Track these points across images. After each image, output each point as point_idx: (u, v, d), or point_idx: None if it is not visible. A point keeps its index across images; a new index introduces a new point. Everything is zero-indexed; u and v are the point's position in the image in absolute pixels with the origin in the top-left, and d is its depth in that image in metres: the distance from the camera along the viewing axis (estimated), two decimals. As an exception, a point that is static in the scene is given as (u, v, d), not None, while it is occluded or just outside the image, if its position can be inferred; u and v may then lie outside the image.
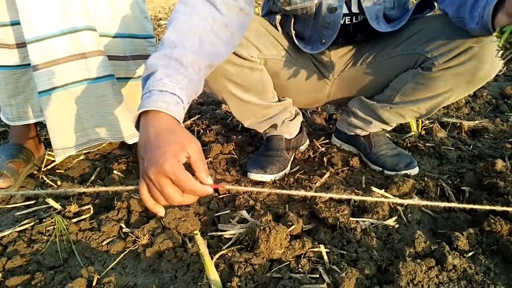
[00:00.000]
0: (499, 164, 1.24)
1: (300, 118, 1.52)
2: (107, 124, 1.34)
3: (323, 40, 1.20)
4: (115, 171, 1.42)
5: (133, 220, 1.14)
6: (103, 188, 0.77)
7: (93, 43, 1.24)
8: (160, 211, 0.76)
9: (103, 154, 1.62)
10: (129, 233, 1.09)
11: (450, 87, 1.13)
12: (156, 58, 0.83)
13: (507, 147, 1.47)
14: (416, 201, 0.85)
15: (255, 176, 1.34)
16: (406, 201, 0.83)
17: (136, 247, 1.05)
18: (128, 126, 1.35)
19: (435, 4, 1.19)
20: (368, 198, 0.98)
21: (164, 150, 0.69)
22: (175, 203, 0.73)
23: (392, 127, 1.45)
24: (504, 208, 0.79)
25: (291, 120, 1.46)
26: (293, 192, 0.84)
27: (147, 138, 0.72)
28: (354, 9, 1.17)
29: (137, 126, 0.79)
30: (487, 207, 0.81)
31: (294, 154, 1.51)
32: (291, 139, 1.48)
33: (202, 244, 0.85)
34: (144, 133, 0.74)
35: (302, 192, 0.90)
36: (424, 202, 0.77)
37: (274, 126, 1.42)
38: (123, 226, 1.13)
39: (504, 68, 2.58)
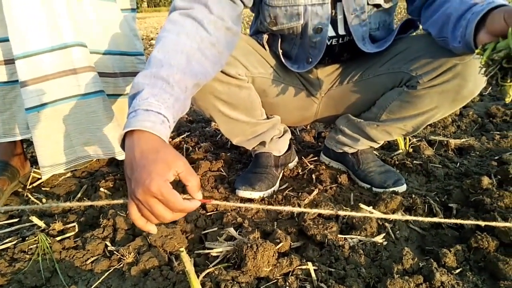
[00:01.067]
0: (485, 181, 1.25)
1: (288, 135, 1.52)
2: (97, 141, 1.33)
3: (310, 59, 1.22)
4: (102, 189, 1.40)
5: (119, 238, 1.12)
6: (88, 203, 0.76)
7: (84, 59, 1.24)
8: (152, 229, 0.76)
9: (90, 171, 1.60)
10: (114, 251, 1.07)
11: (435, 104, 1.15)
12: (143, 77, 0.83)
13: (493, 165, 1.48)
14: (400, 216, 0.85)
15: (243, 193, 1.33)
16: (391, 216, 0.83)
17: (121, 265, 1.03)
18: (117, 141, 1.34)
19: (419, 24, 1.22)
20: (358, 214, 0.97)
21: (150, 170, 0.69)
22: (166, 221, 0.73)
23: (380, 145, 1.46)
24: (488, 223, 0.79)
25: (279, 138, 1.47)
26: (285, 208, 0.84)
27: (132, 158, 0.72)
28: (341, 31, 1.19)
29: (123, 146, 0.78)
30: (473, 222, 0.81)
31: (282, 171, 1.51)
32: (279, 156, 1.49)
33: (187, 262, 0.83)
34: (129, 153, 0.74)
35: (295, 208, 0.89)
36: (409, 217, 0.77)
37: (263, 143, 1.42)
38: (108, 244, 1.10)
39: (489, 88, 2.64)
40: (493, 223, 0.80)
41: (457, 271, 0.95)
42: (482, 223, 0.80)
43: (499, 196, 1.16)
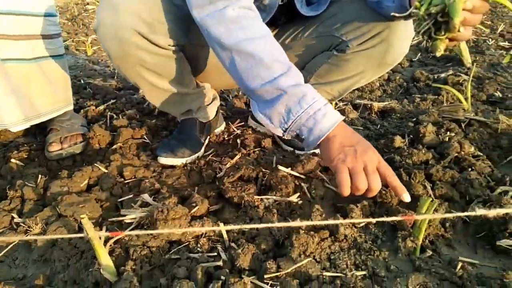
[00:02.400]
0: (398, 140, 1.31)
1: (217, 103, 1.50)
2: None
3: None
4: (13, 160, 1.32)
5: (27, 209, 1.07)
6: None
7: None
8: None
9: (3, 142, 1.50)
10: (21, 223, 1.02)
11: (362, 69, 1.18)
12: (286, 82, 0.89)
13: (410, 126, 1.56)
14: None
15: (165, 160, 1.30)
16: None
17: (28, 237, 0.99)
18: (12, 112, 1.23)
19: None
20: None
21: (369, 145, 0.91)
22: (375, 189, 0.86)
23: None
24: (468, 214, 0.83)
25: (208, 105, 1.45)
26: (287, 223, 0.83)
27: (349, 133, 0.90)
28: None
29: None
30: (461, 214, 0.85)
31: (209, 137, 1.49)
32: (205, 122, 1.47)
33: (90, 229, 0.81)
34: (343, 130, 0.90)
35: (306, 222, 0.89)
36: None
37: (190, 110, 1.39)
38: (15, 216, 1.05)
39: (419, 55, 2.75)
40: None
41: (362, 224, 0.99)
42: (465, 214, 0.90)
43: (408, 154, 1.22)
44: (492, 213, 0.83)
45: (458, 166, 1.21)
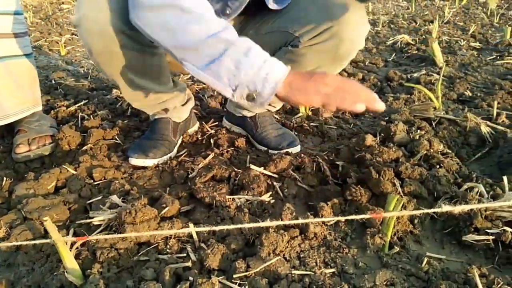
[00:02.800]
0: (369, 139, 1.33)
1: (192, 103, 1.49)
2: None
3: (228, 11, 1.15)
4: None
5: (-10, 213, 1.04)
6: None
7: None
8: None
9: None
10: (-16, 227, 0.99)
11: (317, 64, 1.18)
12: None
13: (382, 125, 1.58)
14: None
15: (136, 161, 1.28)
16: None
17: (-9, 241, 0.96)
18: None
19: None
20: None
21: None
22: (362, 98, 0.82)
23: (276, 108, 1.48)
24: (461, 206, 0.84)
25: (182, 105, 1.43)
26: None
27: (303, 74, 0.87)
28: None
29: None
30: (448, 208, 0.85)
31: (182, 137, 1.48)
32: (179, 122, 1.45)
33: (53, 231, 0.79)
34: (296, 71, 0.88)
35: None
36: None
37: (165, 110, 1.38)
38: (-22, 220, 1.02)
39: (393, 55, 2.79)
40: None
41: (332, 222, 1.00)
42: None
43: (379, 152, 1.24)
44: (458, 209, 0.85)
45: (427, 164, 1.23)
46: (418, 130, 1.45)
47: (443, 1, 5.52)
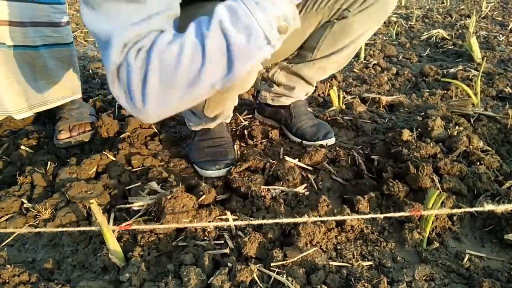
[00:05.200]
0: (406, 134, 1.31)
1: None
2: None
3: None
4: (22, 147, 1.33)
5: (36, 195, 1.08)
6: None
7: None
8: None
9: (14, 130, 1.51)
10: (31, 208, 1.03)
11: (364, 28, 1.21)
12: None
13: (418, 120, 1.55)
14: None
15: (213, 173, 1.20)
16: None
17: (37, 222, 1.00)
18: (16, 99, 1.22)
19: None
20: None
21: None
22: None
23: (313, 89, 1.46)
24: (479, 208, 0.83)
25: None
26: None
27: None
28: None
29: None
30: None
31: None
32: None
33: (98, 214, 0.82)
34: None
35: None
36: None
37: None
38: (25, 201, 1.06)
39: (428, 50, 2.72)
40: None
41: (368, 216, 0.99)
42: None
43: (416, 147, 1.22)
44: (501, 208, 0.83)
45: (466, 160, 1.20)
46: (456, 126, 1.41)
47: (480, -5, 5.33)
